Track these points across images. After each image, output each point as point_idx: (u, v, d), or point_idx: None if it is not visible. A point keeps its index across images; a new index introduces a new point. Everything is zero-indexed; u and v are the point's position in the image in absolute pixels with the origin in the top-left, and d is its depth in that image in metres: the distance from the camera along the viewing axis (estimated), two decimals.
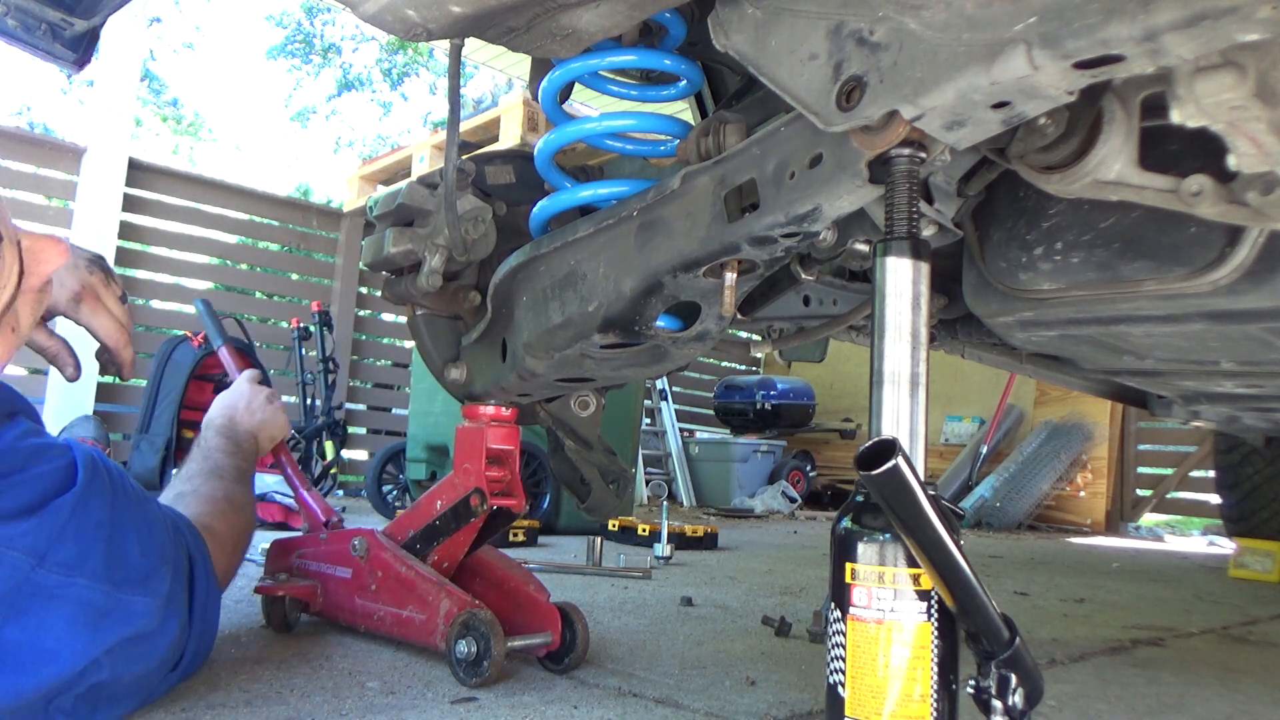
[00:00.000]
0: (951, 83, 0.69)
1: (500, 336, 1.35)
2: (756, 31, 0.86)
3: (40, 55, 1.65)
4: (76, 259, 1.24)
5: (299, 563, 1.53)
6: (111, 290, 1.27)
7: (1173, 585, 3.02)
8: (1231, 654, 1.80)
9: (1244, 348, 1.15)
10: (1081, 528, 6.03)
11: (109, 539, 0.91)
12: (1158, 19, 0.58)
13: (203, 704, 1.04)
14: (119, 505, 0.95)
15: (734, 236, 0.97)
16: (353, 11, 0.93)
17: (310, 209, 6.38)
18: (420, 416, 3.90)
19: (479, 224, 1.33)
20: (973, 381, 6.66)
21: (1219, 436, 3.46)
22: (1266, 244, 0.91)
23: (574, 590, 2.10)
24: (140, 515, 0.99)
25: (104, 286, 1.26)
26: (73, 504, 0.88)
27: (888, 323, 0.80)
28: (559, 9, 0.93)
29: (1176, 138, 0.79)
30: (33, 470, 0.87)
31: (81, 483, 0.90)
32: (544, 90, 1.22)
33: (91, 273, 1.25)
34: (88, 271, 1.24)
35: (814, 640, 1.63)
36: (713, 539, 3.39)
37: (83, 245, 1.29)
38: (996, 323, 1.19)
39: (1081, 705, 1.29)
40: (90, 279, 1.24)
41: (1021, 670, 0.73)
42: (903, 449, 0.69)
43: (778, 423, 6.90)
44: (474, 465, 1.35)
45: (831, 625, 0.78)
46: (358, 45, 18.33)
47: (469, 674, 1.18)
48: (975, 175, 0.98)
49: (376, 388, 6.70)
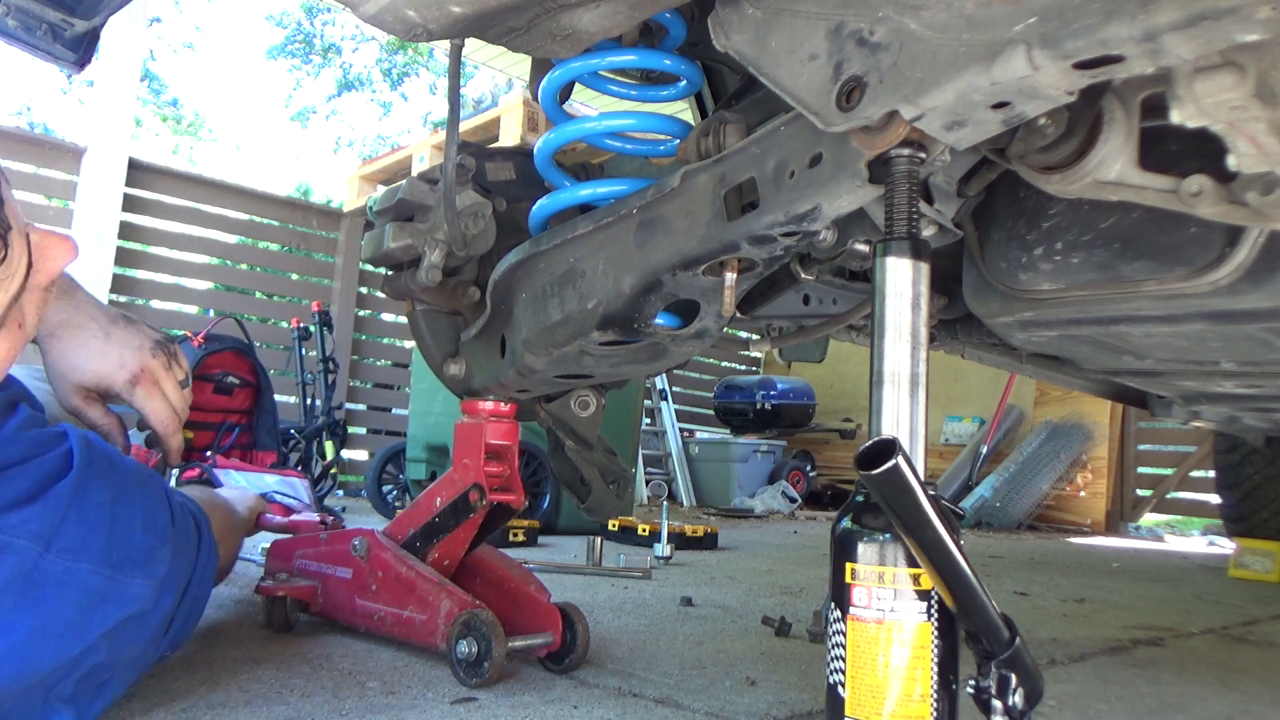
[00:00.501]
0: (951, 83, 0.69)
1: (499, 332, 1.35)
2: (756, 32, 0.86)
3: (40, 55, 1.65)
4: (143, 340, 1.24)
5: (299, 563, 1.53)
6: (172, 375, 1.26)
7: (1173, 585, 3.02)
8: (1231, 654, 1.80)
9: (1244, 348, 1.15)
10: (1081, 528, 6.03)
11: (111, 520, 0.91)
12: (1158, 19, 0.58)
13: (203, 704, 1.05)
14: (122, 485, 0.95)
15: (733, 235, 0.97)
16: (353, 12, 0.93)
17: (310, 209, 6.38)
18: (420, 416, 3.90)
19: (479, 219, 1.33)
20: (973, 381, 6.66)
21: (1219, 436, 3.46)
22: (1266, 244, 0.91)
23: (574, 590, 2.10)
24: (144, 492, 0.99)
25: (164, 371, 1.25)
26: (72, 488, 0.88)
27: (888, 323, 0.80)
28: (559, 9, 0.93)
29: (1176, 138, 0.79)
30: (32, 460, 0.87)
31: (79, 466, 0.90)
32: (544, 90, 1.22)
33: (155, 355, 1.24)
34: (150, 354, 1.23)
35: (814, 640, 1.63)
36: (713, 539, 3.39)
37: (153, 329, 1.28)
38: (996, 323, 1.19)
39: (1081, 705, 1.29)
40: (152, 363, 1.23)
41: (1021, 670, 0.73)
42: (903, 449, 0.69)
43: (778, 423, 6.90)
44: (473, 461, 1.35)
45: (831, 625, 0.78)
46: (358, 45, 18.35)
47: (469, 674, 1.18)
48: (975, 175, 0.98)
49: (376, 388, 6.71)
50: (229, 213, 5.77)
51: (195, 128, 19.02)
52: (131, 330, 1.24)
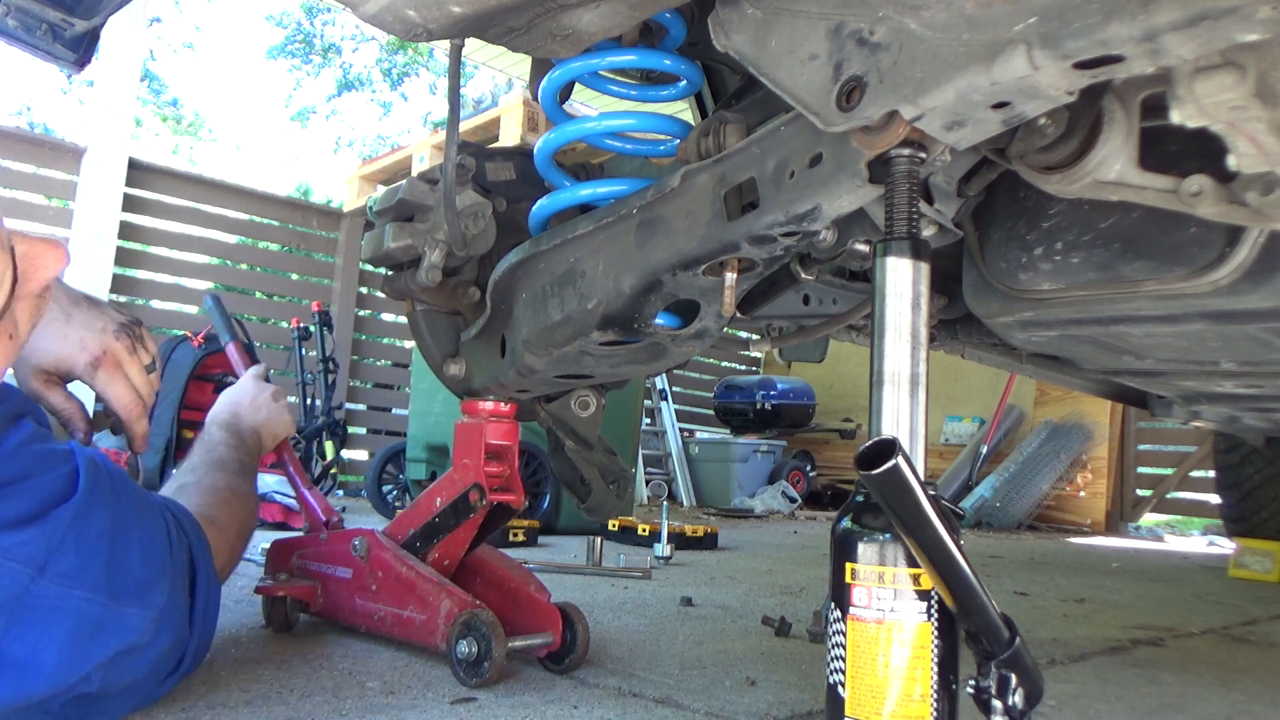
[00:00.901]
0: (951, 83, 0.69)
1: (499, 333, 1.35)
2: (756, 32, 0.86)
3: (40, 55, 1.65)
4: (106, 322, 1.20)
5: (299, 563, 1.53)
6: (137, 359, 1.23)
7: (1173, 585, 3.02)
8: (1231, 654, 1.80)
9: (1244, 348, 1.15)
10: (1081, 528, 6.04)
11: (110, 549, 0.89)
12: (1158, 19, 0.58)
13: (203, 704, 1.04)
14: (121, 513, 0.93)
15: (733, 235, 0.97)
16: (353, 12, 0.93)
17: (310, 209, 6.39)
18: (420, 416, 3.90)
19: (479, 219, 1.33)
20: (973, 381, 6.66)
21: (1219, 436, 3.46)
22: (1266, 244, 0.91)
23: (574, 590, 2.10)
24: (143, 523, 0.96)
25: (128, 354, 1.22)
26: (73, 513, 0.85)
27: (888, 323, 0.80)
28: (559, 9, 0.93)
29: (1176, 138, 0.79)
30: (34, 478, 0.85)
31: (83, 491, 0.87)
32: (544, 90, 1.22)
33: (118, 338, 1.21)
34: (114, 337, 1.20)
35: (814, 640, 1.63)
36: (713, 539, 3.39)
37: (119, 311, 1.25)
38: (996, 323, 1.19)
39: (1081, 705, 1.29)
40: (115, 345, 1.20)
41: (1021, 670, 0.73)
42: (903, 449, 0.69)
43: (778, 423, 6.90)
44: (473, 460, 1.35)
45: (831, 625, 0.78)
46: (358, 45, 18.35)
47: (469, 674, 1.18)
48: (975, 175, 0.98)
49: (376, 388, 6.71)
50: (229, 213, 5.77)
51: (195, 128, 19.02)
52: (94, 312, 1.20)
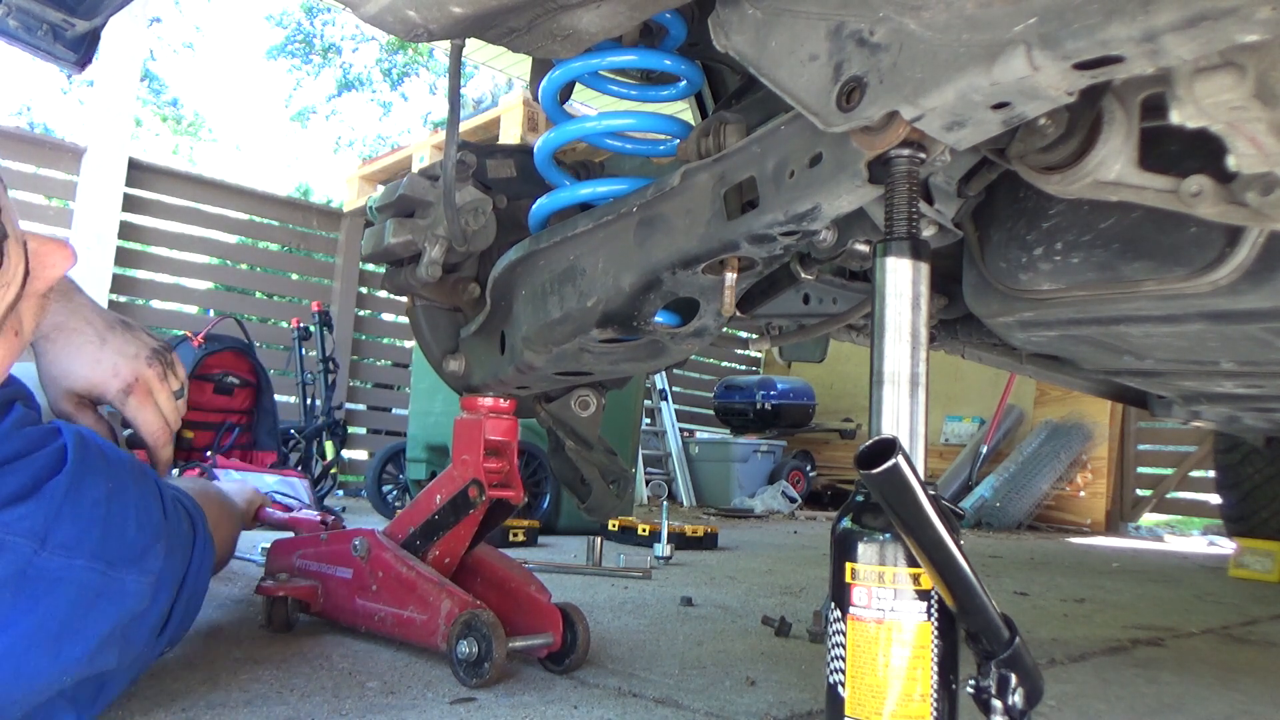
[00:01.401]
0: (951, 83, 0.69)
1: (499, 329, 1.35)
2: (757, 32, 0.86)
3: (41, 56, 1.65)
4: (140, 348, 1.22)
5: (299, 563, 1.53)
6: (167, 385, 1.25)
7: (1173, 585, 3.02)
8: (1231, 654, 1.81)
9: (1244, 348, 1.15)
10: (1081, 528, 6.04)
11: (106, 517, 0.90)
12: (1157, 20, 0.58)
13: (203, 704, 1.05)
14: (114, 480, 0.94)
15: (733, 234, 0.97)
16: (353, 12, 0.94)
17: (310, 209, 6.39)
18: (420, 416, 3.90)
19: (479, 215, 1.33)
20: (973, 381, 6.66)
21: (1219, 436, 3.46)
22: (1266, 244, 0.91)
23: (574, 590, 2.10)
24: (138, 489, 0.98)
25: (159, 381, 1.24)
26: (67, 484, 0.87)
27: (888, 323, 0.80)
28: (560, 10, 0.93)
29: (1176, 138, 0.79)
30: (26, 456, 0.87)
31: (73, 462, 0.89)
32: (544, 90, 1.23)
33: (150, 365, 1.22)
34: (145, 364, 1.22)
35: (814, 640, 1.63)
36: (713, 539, 3.39)
37: (151, 336, 1.26)
38: (996, 323, 1.19)
39: (1081, 705, 1.29)
40: (147, 372, 1.22)
41: (1021, 670, 0.73)
42: (903, 448, 0.69)
43: (778, 423, 6.90)
44: (472, 457, 1.35)
45: (831, 625, 0.78)
46: (358, 45, 18.35)
47: (470, 674, 1.18)
48: (975, 176, 0.98)
49: (376, 388, 6.71)
50: (229, 213, 5.77)
51: (195, 128, 19.02)
52: (128, 337, 1.23)
